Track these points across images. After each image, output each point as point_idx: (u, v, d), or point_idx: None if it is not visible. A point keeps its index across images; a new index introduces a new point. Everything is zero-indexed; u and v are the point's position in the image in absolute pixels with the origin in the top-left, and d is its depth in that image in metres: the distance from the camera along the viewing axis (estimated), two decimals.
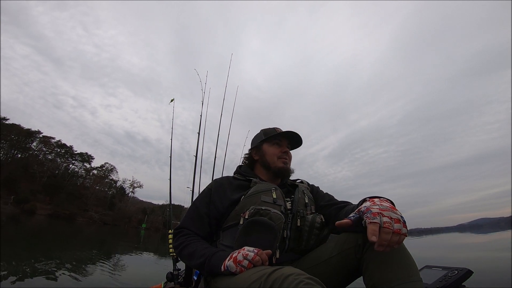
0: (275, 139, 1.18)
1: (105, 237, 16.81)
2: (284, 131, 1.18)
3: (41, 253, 5.68)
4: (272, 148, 1.17)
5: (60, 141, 56.24)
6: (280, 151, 1.16)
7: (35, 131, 52.89)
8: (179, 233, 0.99)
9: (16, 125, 50.03)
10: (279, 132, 1.17)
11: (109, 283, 3.77)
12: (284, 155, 1.15)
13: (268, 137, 1.18)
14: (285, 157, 1.15)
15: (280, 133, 1.17)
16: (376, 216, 0.66)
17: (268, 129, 1.22)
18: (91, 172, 60.64)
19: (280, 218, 0.91)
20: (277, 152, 1.15)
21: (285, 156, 1.15)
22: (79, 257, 5.93)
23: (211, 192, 1.06)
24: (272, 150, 1.16)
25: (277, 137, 1.18)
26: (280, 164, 1.14)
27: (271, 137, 1.18)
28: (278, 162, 1.14)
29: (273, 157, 1.15)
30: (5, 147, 48.67)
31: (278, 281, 0.56)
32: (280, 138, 1.18)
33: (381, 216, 0.66)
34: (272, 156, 1.15)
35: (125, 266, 5.51)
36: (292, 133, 1.17)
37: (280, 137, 1.18)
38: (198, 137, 2.80)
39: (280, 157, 1.15)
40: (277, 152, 1.15)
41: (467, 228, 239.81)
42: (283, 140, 1.18)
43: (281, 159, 1.14)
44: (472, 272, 0.92)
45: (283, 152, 1.15)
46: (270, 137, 1.18)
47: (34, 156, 52.52)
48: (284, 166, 1.14)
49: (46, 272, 3.88)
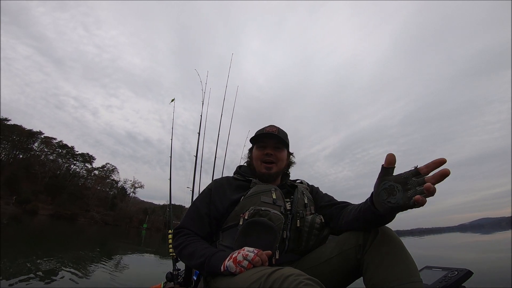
0: (260, 141, 1.13)
1: (106, 237, 16.85)
2: (260, 132, 1.13)
3: (43, 253, 5.70)
4: (257, 151, 1.12)
5: (62, 141, 56.52)
6: (262, 154, 1.10)
7: (37, 132, 53.16)
8: (179, 233, 0.98)
9: (18, 126, 50.26)
10: (257, 134, 1.13)
11: (108, 283, 3.78)
12: (266, 157, 1.09)
13: (254, 139, 1.14)
14: (268, 159, 1.09)
15: (259, 134, 1.12)
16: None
17: (259, 130, 1.17)
18: (93, 173, 60.87)
19: (279, 219, 0.90)
20: (260, 155, 1.10)
21: (268, 159, 1.09)
22: (80, 257, 5.94)
23: (211, 192, 1.05)
24: (256, 154, 1.12)
25: (259, 139, 1.12)
26: (263, 169, 1.08)
27: (256, 140, 1.14)
28: (261, 167, 1.09)
29: (257, 161, 1.11)
30: (7, 147, 48.86)
31: (278, 281, 0.55)
32: (263, 139, 1.12)
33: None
34: (256, 161, 1.11)
35: (125, 266, 5.51)
36: (270, 134, 1.09)
37: (262, 139, 1.12)
38: (198, 137, 2.80)
39: (263, 161, 1.09)
40: (260, 156, 1.10)
41: (468, 228, 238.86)
42: (268, 140, 1.11)
43: (263, 164, 1.09)
44: (472, 273, 0.92)
45: (265, 155, 1.09)
46: (255, 140, 1.14)
47: (35, 156, 52.72)
48: (266, 172, 1.08)
49: (47, 272, 3.90)
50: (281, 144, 1.12)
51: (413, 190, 0.63)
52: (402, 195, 0.65)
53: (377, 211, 0.72)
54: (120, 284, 3.79)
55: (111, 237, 17.22)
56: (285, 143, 1.12)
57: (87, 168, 59.97)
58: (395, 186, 0.67)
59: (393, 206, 0.66)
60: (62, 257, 5.38)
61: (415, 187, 0.63)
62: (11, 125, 48.83)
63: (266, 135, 1.11)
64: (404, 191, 0.65)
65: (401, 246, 0.75)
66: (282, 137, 1.10)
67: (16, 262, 4.44)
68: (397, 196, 0.65)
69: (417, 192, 0.62)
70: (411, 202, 0.62)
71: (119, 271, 4.81)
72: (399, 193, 0.65)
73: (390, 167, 0.68)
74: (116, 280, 4.03)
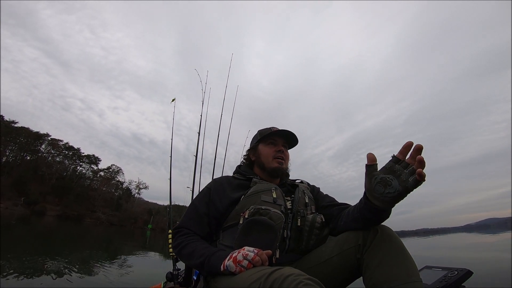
0: (270, 139, 1.16)
1: (112, 238, 17.00)
2: (277, 129, 1.16)
3: (51, 253, 5.80)
4: (266, 148, 1.15)
5: (68, 143, 57.34)
6: (275, 151, 1.13)
7: (44, 134, 54.06)
8: (178, 233, 0.98)
9: (25, 128, 51.16)
10: (272, 131, 1.15)
11: (108, 283, 3.80)
12: (278, 154, 1.13)
13: (263, 137, 1.16)
14: (280, 156, 1.12)
15: (273, 132, 1.15)
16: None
17: (264, 129, 1.20)
18: (98, 174, 61.61)
19: (280, 218, 0.90)
20: (271, 152, 1.13)
21: (280, 155, 1.13)
22: (81, 257, 6.00)
23: (210, 191, 1.05)
24: (266, 150, 1.14)
25: (271, 137, 1.16)
26: (275, 164, 1.11)
27: (265, 137, 1.16)
28: (273, 162, 1.11)
29: (267, 157, 1.13)
30: (15, 149, 49.73)
31: (278, 281, 0.55)
32: (275, 138, 1.16)
33: None
34: (266, 157, 1.13)
35: (125, 266, 5.53)
36: (286, 131, 1.14)
37: (274, 136, 1.16)
38: (198, 137, 2.80)
39: (275, 157, 1.12)
40: (271, 152, 1.13)
41: (474, 228, 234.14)
42: (278, 139, 1.16)
43: (276, 159, 1.12)
44: (472, 272, 0.91)
45: (278, 151, 1.13)
46: (264, 136, 1.16)
47: (42, 158, 53.56)
48: (279, 166, 1.11)
49: (53, 272, 3.96)
50: (289, 144, 1.20)
51: (404, 174, 0.67)
52: (397, 182, 0.67)
53: (378, 206, 0.73)
54: (120, 284, 3.80)
55: (117, 238, 17.36)
56: (292, 143, 1.21)
57: (93, 170, 60.79)
58: (386, 177, 0.69)
59: (395, 194, 0.68)
60: (64, 257, 5.43)
61: (403, 171, 0.67)
62: (18, 128, 49.73)
63: (278, 133, 1.15)
64: (396, 178, 0.68)
65: (401, 246, 0.75)
66: (295, 135, 1.16)
67: (25, 261, 4.53)
68: (393, 185, 0.68)
69: (408, 173, 0.66)
70: (411, 182, 0.65)
71: (120, 271, 4.83)
72: (394, 181, 0.68)
73: (373, 163, 0.73)
74: (116, 280, 4.05)
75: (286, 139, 1.18)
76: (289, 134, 1.16)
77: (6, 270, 3.69)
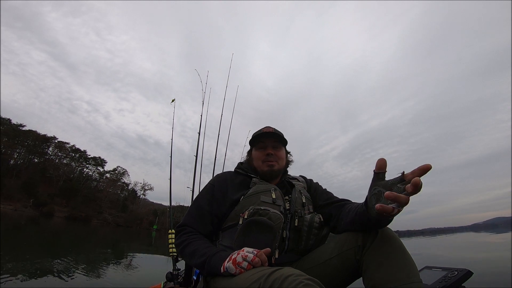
0: (259, 142, 1.15)
1: (118, 238, 17.15)
2: (259, 132, 1.15)
3: (59, 253, 5.90)
4: (257, 152, 1.15)
5: (74, 145, 58.24)
6: (264, 154, 1.12)
7: (51, 137, 54.99)
8: (181, 231, 0.97)
9: (33, 131, 52.12)
10: (255, 134, 1.15)
11: (108, 282, 3.82)
12: (268, 158, 1.11)
13: (252, 141, 1.17)
14: (270, 159, 1.11)
15: (257, 135, 1.14)
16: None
17: (256, 132, 1.19)
18: (104, 176, 62.36)
19: (279, 218, 0.91)
20: (261, 156, 1.13)
21: (270, 159, 1.11)
22: (87, 258, 6.06)
23: (213, 188, 1.05)
24: (257, 155, 1.14)
25: (258, 140, 1.15)
26: (265, 167, 1.11)
27: (254, 142, 1.17)
28: (263, 166, 1.11)
29: (258, 161, 1.13)
30: (23, 152, 50.67)
31: (278, 281, 0.56)
32: (263, 139, 1.14)
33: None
34: (257, 161, 1.14)
35: (129, 267, 5.56)
36: (268, 133, 1.12)
37: (262, 139, 1.14)
38: (198, 137, 2.82)
39: (264, 161, 1.12)
40: (261, 156, 1.13)
41: (482, 227, 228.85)
42: (267, 140, 1.14)
43: (265, 163, 1.11)
44: (472, 273, 0.91)
45: (266, 155, 1.12)
46: (253, 140, 1.17)
47: (50, 160, 54.49)
48: (269, 169, 1.10)
49: (61, 271, 4.04)
50: (279, 142, 1.15)
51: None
52: (386, 201, 0.63)
53: (370, 215, 0.72)
54: (120, 284, 3.82)
55: (123, 238, 17.52)
56: (283, 140, 1.15)
57: (99, 171, 61.58)
58: (382, 192, 0.66)
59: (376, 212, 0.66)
60: (66, 258, 5.47)
61: (402, 192, 0.62)
62: (26, 131, 50.68)
63: (263, 135, 1.13)
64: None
65: (400, 246, 0.75)
66: (280, 134, 1.14)
67: (34, 261, 4.60)
68: (382, 202, 0.64)
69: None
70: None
71: (123, 272, 4.87)
72: (383, 199, 0.64)
73: (381, 171, 0.68)
74: (117, 280, 4.07)
75: (276, 138, 1.15)
76: (272, 135, 1.13)
77: (15, 270, 3.76)
